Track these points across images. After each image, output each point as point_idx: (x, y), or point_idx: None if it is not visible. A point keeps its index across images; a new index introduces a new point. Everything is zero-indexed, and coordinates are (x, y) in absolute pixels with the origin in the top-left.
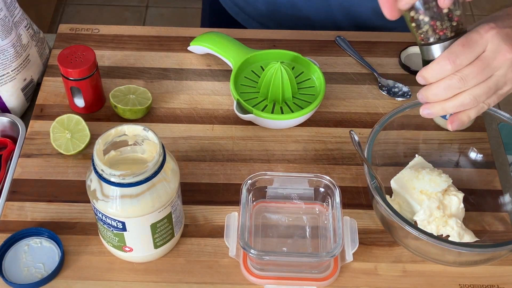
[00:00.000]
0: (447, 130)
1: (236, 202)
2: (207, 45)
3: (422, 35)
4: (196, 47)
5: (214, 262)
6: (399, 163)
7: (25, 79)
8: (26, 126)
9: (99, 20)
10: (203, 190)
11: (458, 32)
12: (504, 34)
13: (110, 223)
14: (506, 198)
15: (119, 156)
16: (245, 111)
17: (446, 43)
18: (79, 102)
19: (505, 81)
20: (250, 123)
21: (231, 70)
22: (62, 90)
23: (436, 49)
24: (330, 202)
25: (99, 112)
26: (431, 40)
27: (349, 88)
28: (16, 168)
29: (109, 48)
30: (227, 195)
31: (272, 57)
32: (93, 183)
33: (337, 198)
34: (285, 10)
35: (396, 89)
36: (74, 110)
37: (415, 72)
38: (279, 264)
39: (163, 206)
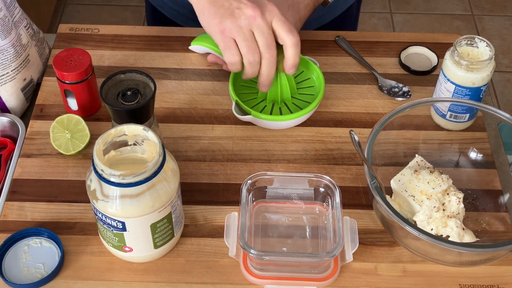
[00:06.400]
0: (447, 130)
1: (236, 202)
2: (207, 45)
3: None
4: (197, 47)
5: (214, 262)
6: (399, 163)
7: (25, 79)
8: (26, 126)
9: (99, 20)
10: (203, 190)
11: None
12: None
13: (110, 223)
14: (506, 198)
15: (119, 156)
16: (244, 112)
17: None
18: (73, 104)
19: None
20: (250, 123)
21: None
22: None
23: None
24: (330, 202)
25: (99, 112)
26: None
27: (349, 88)
28: (16, 168)
29: (109, 48)
30: (227, 195)
31: None
32: (93, 183)
33: (337, 198)
34: None
35: (396, 89)
36: (69, 112)
37: (415, 72)
38: (279, 264)
39: (163, 206)
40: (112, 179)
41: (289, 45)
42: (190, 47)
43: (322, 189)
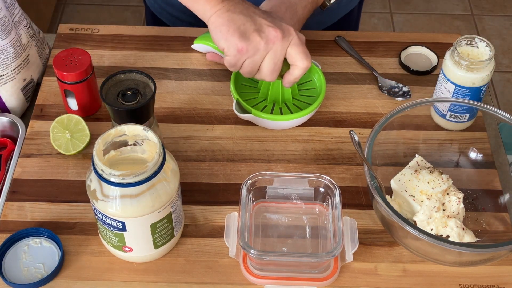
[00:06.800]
0: (447, 130)
1: (236, 202)
2: (210, 44)
3: None
4: (199, 46)
5: (214, 262)
6: (399, 163)
7: (25, 79)
8: (26, 126)
9: (99, 20)
10: (203, 190)
11: None
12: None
13: (110, 223)
14: (506, 198)
15: (119, 156)
16: (244, 111)
17: None
18: (73, 104)
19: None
20: (250, 123)
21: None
22: None
23: None
24: (330, 202)
25: (99, 112)
26: None
27: (349, 88)
28: (16, 168)
29: (109, 48)
30: (227, 195)
31: None
32: (93, 183)
33: (337, 198)
34: None
35: (396, 89)
36: (69, 112)
37: (415, 72)
38: (279, 264)
39: (163, 206)
40: (112, 179)
41: (299, 67)
42: (192, 46)
43: (322, 189)
